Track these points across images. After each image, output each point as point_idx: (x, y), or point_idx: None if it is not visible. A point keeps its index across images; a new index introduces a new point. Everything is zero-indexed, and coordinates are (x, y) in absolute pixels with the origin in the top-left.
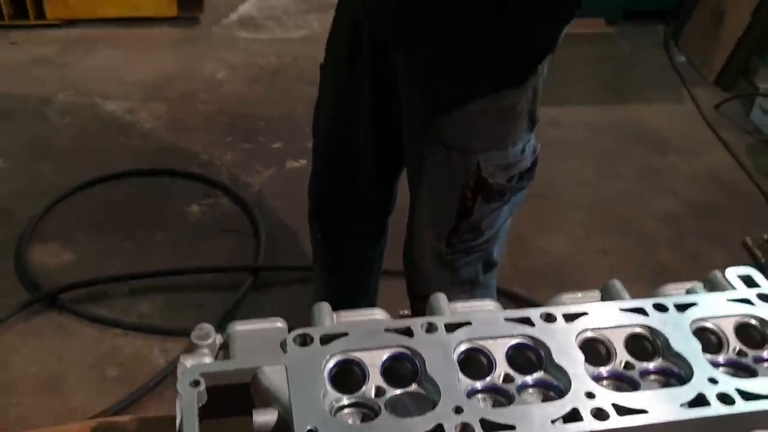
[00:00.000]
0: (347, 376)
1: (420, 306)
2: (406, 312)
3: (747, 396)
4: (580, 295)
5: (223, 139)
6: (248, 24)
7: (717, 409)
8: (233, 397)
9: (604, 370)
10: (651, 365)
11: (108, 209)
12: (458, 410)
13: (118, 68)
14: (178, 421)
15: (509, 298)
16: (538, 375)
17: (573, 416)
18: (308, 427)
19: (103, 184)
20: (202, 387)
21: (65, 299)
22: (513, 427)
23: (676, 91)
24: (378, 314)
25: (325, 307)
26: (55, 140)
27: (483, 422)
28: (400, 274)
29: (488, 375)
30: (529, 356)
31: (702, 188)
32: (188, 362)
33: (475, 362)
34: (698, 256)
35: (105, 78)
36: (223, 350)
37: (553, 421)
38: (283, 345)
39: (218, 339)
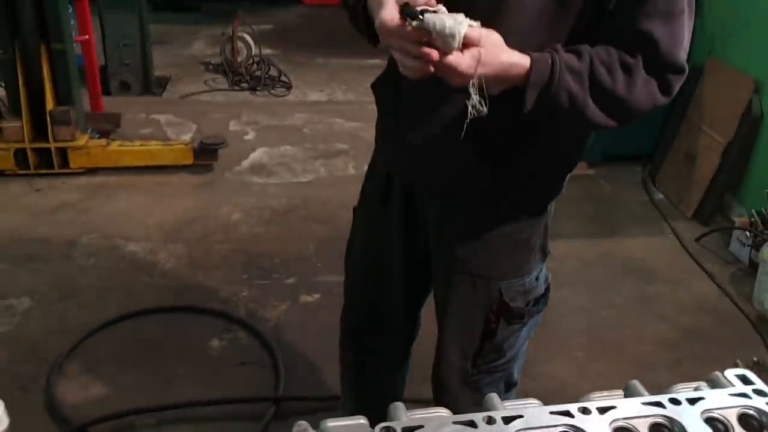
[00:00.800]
0: None
1: None
2: None
3: None
4: (606, 393)
5: (239, 277)
6: (259, 170)
7: None
8: None
9: None
10: None
11: (133, 344)
12: None
13: (139, 212)
14: None
15: None
16: None
17: None
18: None
19: (127, 320)
20: None
21: None
22: None
23: (658, 226)
24: (443, 411)
25: (400, 406)
26: (81, 280)
27: None
28: (417, 401)
29: None
30: None
31: (691, 314)
32: None
33: None
34: (696, 377)
35: (126, 221)
36: None
37: None
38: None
39: None
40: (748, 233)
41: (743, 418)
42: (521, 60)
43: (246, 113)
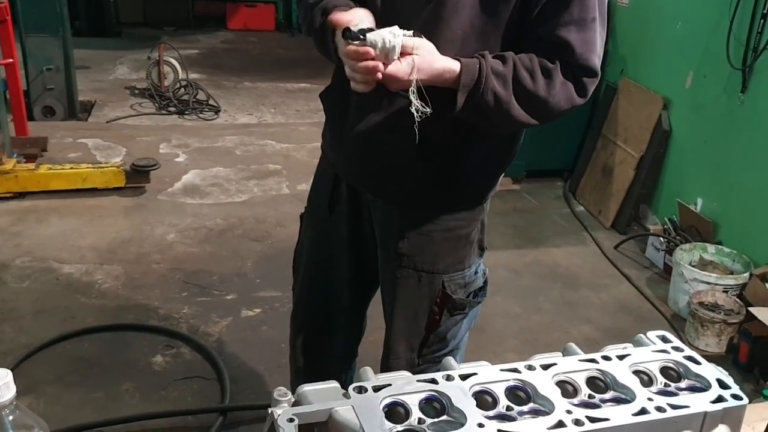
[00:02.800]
0: (395, 413)
1: None
2: None
3: (675, 407)
4: (547, 354)
5: (179, 295)
6: (193, 191)
7: (655, 415)
8: None
9: (575, 400)
10: (607, 395)
11: (74, 364)
12: (480, 425)
13: (72, 235)
14: None
15: None
16: (530, 405)
17: (559, 425)
18: None
19: (67, 340)
20: (296, 422)
21: None
22: None
23: (580, 236)
24: (406, 374)
25: (369, 369)
26: (16, 303)
27: (499, 431)
28: None
29: (495, 407)
30: (520, 393)
31: (612, 315)
32: (277, 411)
33: (484, 399)
34: None
35: (59, 244)
36: (296, 405)
37: (548, 428)
38: (346, 394)
39: (291, 398)
40: (662, 239)
41: (664, 370)
42: (452, 65)
43: (176, 136)
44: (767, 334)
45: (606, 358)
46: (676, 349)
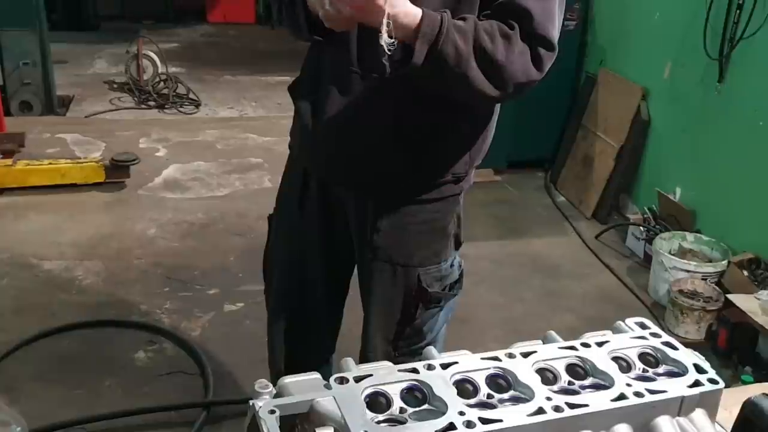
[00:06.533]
0: (377, 403)
1: None
2: None
3: (653, 392)
4: (527, 342)
5: (160, 290)
6: (174, 186)
7: (633, 400)
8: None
9: (555, 387)
10: (586, 382)
11: (55, 361)
12: (461, 413)
13: (51, 231)
14: None
15: None
16: (511, 393)
17: (539, 411)
18: (361, 430)
19: (48, 338)
20: (277, 413)
21: None
22: (500, 420)
23: (561, 226)
24: (388, 364)
25: (350, 360)
26: None
27: (481, 419)
28: None
29: (475, 395)
30: (501, 381)
31: (593, 304)
32: (258, 403)
33: (465, 388)
34: None
35: (38, 240)
36: (277, 397)
37: (528, 415)
38: (327, 385)
39: (273, 390)
40: (641, 229)
41: (643, 356)
42: (416, 11)
43: (156, 131)
44: (745, 320)
45: (585, 345)
46: (654, 335)
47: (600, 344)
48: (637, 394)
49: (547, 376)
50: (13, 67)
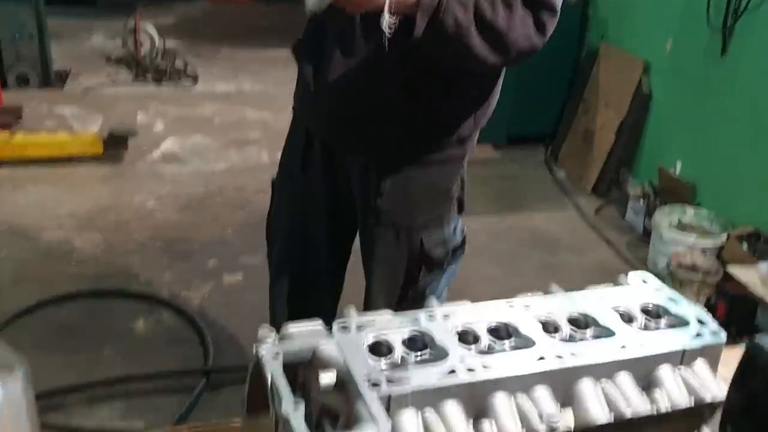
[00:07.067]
0: (379, 350)
1: None
2: None
3: (654, 343)
4: (529, 294)
5: (159, 261)
6: (172, 159)
7: (635, 350)
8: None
9: (556, 337)
10: (587, 333)
11: (55, 330)
12: (463, 359)
13: (49, 203)
14: (269, 381)
15: None
16: (512, 342)
17: (540, 359)
18: (363, 375)
19: (48, 307)
20: (281, 358)
21: None
22: (502, 367)
23: (560, 201)
24: (390, 313)
25: (353, 308)
26: None
27: (482, 365)
28: None
29: (477, 344)
30: (502, 331)
31: (592, 278)
32: (262, 349)
33: (466, 337)
34: None
35: (37, 212)
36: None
37: (529, 363)
38: (330, 333)
39: (276, 337)
40: (641, 203)
41: (644, 309)
42: None
43: (153, 105)
44: (744, 292)
45: (587, 298)
46: (657, 289)
47: (602, 297)
48: (639, 345)
49: (548, 327)
50: (9, 40)
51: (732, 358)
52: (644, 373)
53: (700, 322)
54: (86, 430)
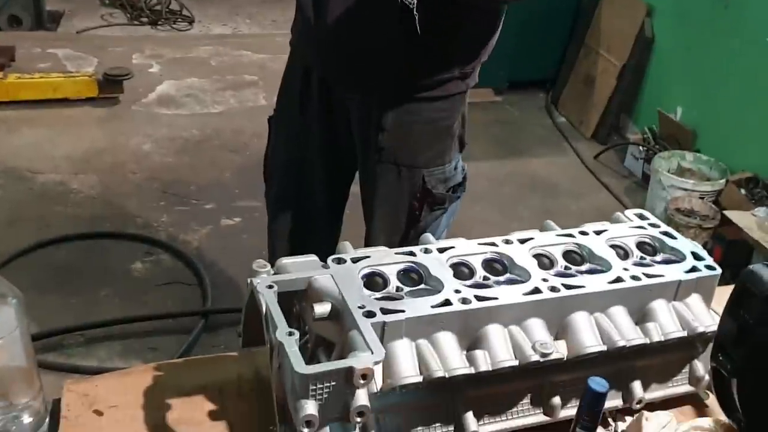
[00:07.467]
0: (374, 282)
1: None
2: None
3: (650, 276)
4: (525, 230)
5: (157, 204)
6: (168, 102)
7: (630, 283)
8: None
9: (551, 271)
10: (583, 267)
11: (51, 272)
12: (457, 291)
13: (45, 145)
14: (263, 311)
15: None
16: (507, 276)
17: (535, 291)
18: (358, 305)
19: (43, 249)
20: (275, 289)
21: None
22: (496, 298)
23: (560, 146)
24: (385, 248)
25: (348, 244)
26: None
27: (476, 296)
28: None
29: (471, 278)
30: (497, 265)
31: None
32: (256, 281)
33: (461, 270)
34: None
35: (32, 154)
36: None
37: (523, 294)
38: (325, 266)
39: (271, 270)
40: (641, 148)
41: (640, 245)
42: None
43: (149, 47)
44: (740, 237)
45: (583, 233)
46: (653, 225)
47: (598, 233)
48: (634, 278)
49: (543, 261)
50: None
51: (726, 297)
52: (638, 306)
53: (696, 257)
54: (85, 369)
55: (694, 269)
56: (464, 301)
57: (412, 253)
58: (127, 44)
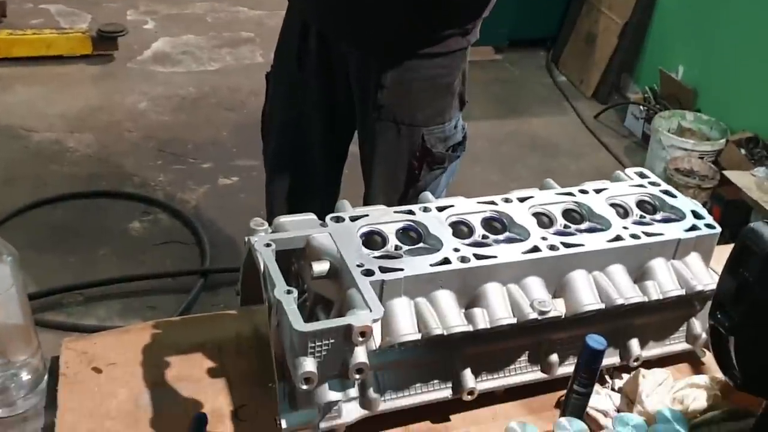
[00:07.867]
0: (372, 241)
1: None
2: None
3: (649, 234)
4: (525, 189)
5: (154, 163)
6: (163, 59)
7: (629, 241)
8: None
9: (550, 230)
10: (582, 226)
11: (48, 231)
12: (456, 250)
13: (39, 103)
14: (261, 269)
15: None
16: (506, 234)
17: (534, 250)
18: (356, 263)
19: (40, 208)
20: (273, 247)
21: None
22: (495, 256)
23: (560, 106)
24: (383, 207)
25: (346, 202)
26: None
27: (475, 255)
28: None
29: (471, 236)
30: (496, 224)
31: None
32: (254, 239)
33: (460, 229)
34: None
35: (26, 112)
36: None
37: (522, 252)
38: (323, 224)
39: (269, 228)
40: (641, 108)
41: (640, 203)
42: None
43: (143, 3)
44: (739, 197)
45: (583, 191)
46: (653, 183)
47: (598, 191)
48: (634, 236)
49: (543, 219)
50: None
51: (725, 257)
52: (637, 264)
53: (696, 215)
54: (84, 327)
55: (693, 228)
56: (463, 259)
57: (411, 212)
58: (120, 0)
